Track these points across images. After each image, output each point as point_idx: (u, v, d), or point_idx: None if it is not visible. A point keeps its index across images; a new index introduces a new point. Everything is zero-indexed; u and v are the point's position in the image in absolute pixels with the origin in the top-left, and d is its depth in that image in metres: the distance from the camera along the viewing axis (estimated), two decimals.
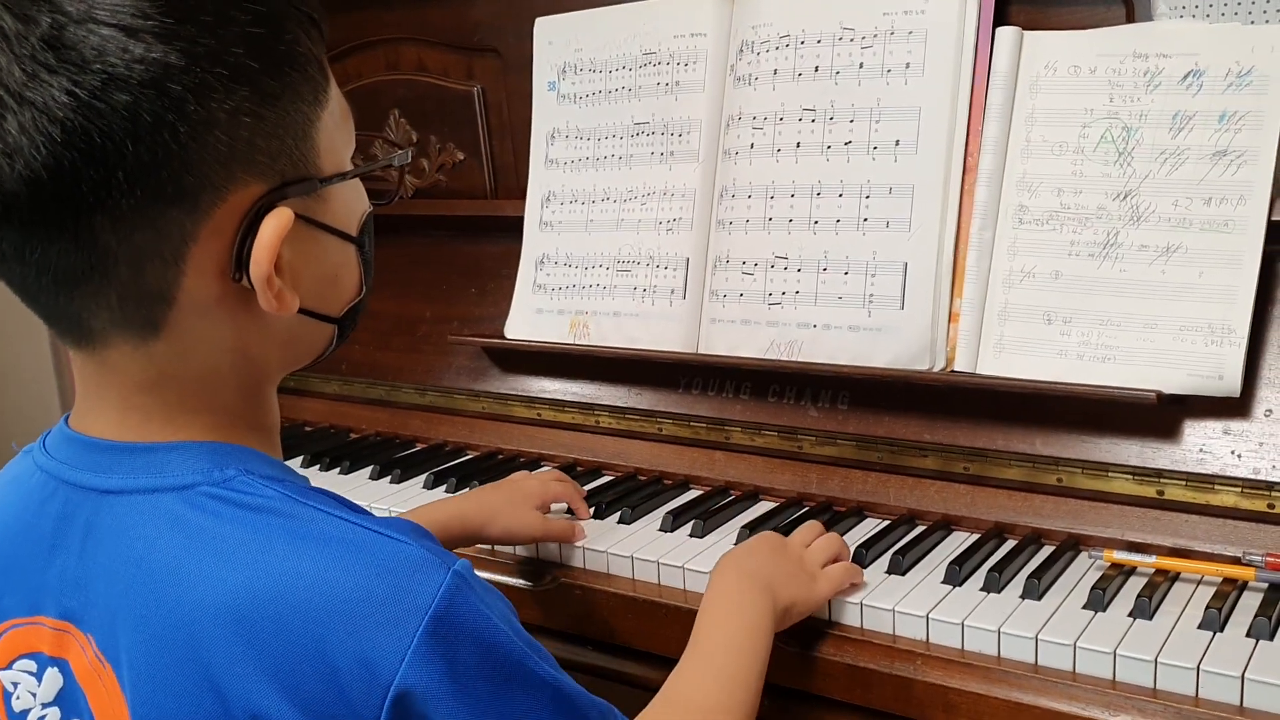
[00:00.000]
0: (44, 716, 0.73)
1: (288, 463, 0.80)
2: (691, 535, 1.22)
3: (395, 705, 0.65)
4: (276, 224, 0.69)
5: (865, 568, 1.11)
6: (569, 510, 1.28)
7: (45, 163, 0.64)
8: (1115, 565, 1.07)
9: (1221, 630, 0.95)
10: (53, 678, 0.72)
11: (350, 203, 0.77)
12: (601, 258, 1.47)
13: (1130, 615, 0.99)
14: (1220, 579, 1.03)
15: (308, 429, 1.74)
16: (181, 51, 0.64)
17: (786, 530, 1.12)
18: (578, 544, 1.21)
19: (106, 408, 0.74)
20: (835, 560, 1.08)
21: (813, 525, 1.12)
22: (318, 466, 1.55)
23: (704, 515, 1.24)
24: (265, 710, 0.65)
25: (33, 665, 0.73)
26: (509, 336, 1.55)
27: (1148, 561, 1.06)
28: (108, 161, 0.64)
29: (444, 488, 1.42)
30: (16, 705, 0.74)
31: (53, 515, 0.74)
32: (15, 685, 0.74)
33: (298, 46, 0.70)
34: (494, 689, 0.68)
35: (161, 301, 0.69)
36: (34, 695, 0.73)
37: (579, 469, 1.46)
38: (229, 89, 0.66)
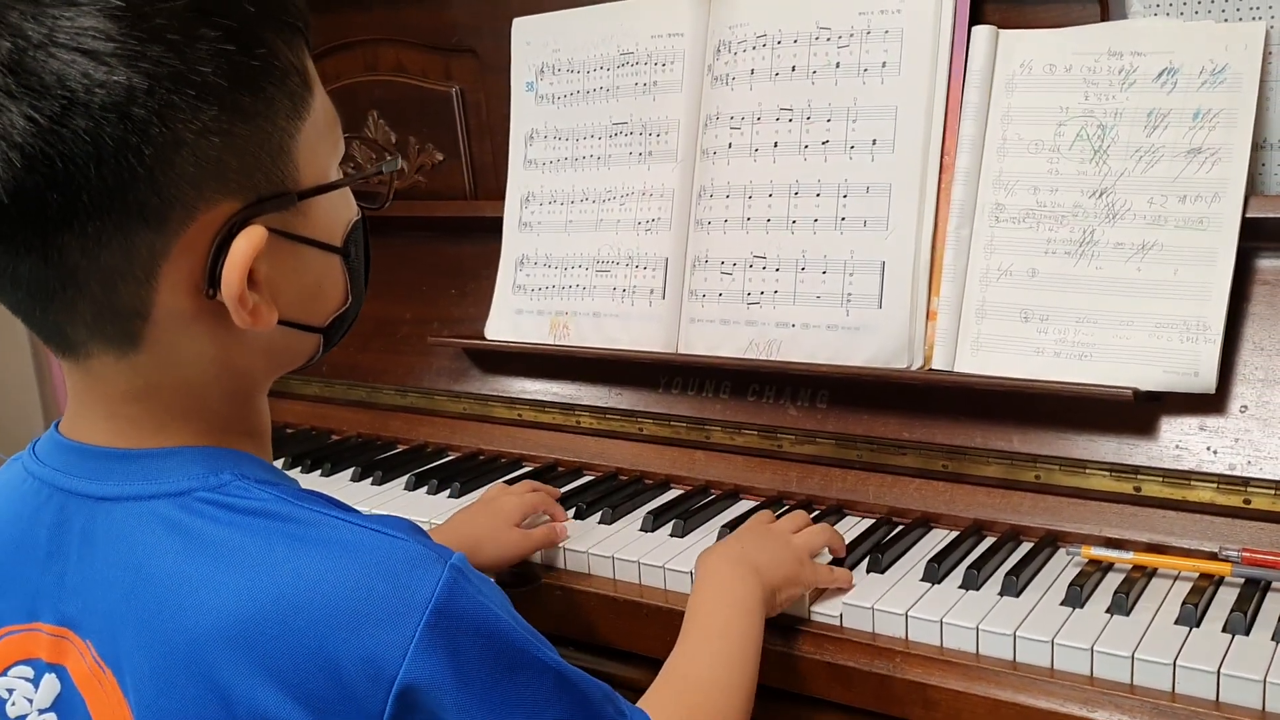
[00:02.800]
0: None
1: (293, 477, 0.80)
2: (672, 535, 1.22)
3: (400, 699, 0.66)
4: (248, 243, 0.68)
5: (845, 566, 1.11)
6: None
7: (7, 187, 0.63)
8: (1093, 562, 1.08)
9: (1198, 626, 0.96)
10: (50, 684, 0.72)
11: (334, 212, 0.76)
12: (581, 258, 1.47)
13: (1108, 611, 0.99)
14: (1197, 574, 1.04)
15: (289, 431, 1.73)
16: (145, 74, 0.63)
17: None
18: (560, 545, 1.21)
19: (96, 415, 0.74)
20: (827, 545, 1.10)
21: (800, 514, 1.13)
22: (299, 468, 1.55)
23: (684, 515, 1.24)
24: (270, 710, 0.65)
25: (29, 671, 0.73)
26: (489, 337, 1.54)
27: (1125, 558, 1.07)
28: (71, 185, 0.63)
29: (425, 489, 1.42)
30: (11, 712, 0.74)
31: (48, 522, 0.74)
32: (10, 691, 0.74)
33: (275, 60, 0.69)
34: (497, 677, 0.69)
35: (136, 317, 0.69)
36: (30, 701, 0.73)
37: (560, 469, 1.46)
38: (196, 109, 0.65)
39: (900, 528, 1.20)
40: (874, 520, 1.22)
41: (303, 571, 0.67)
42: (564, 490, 1.35)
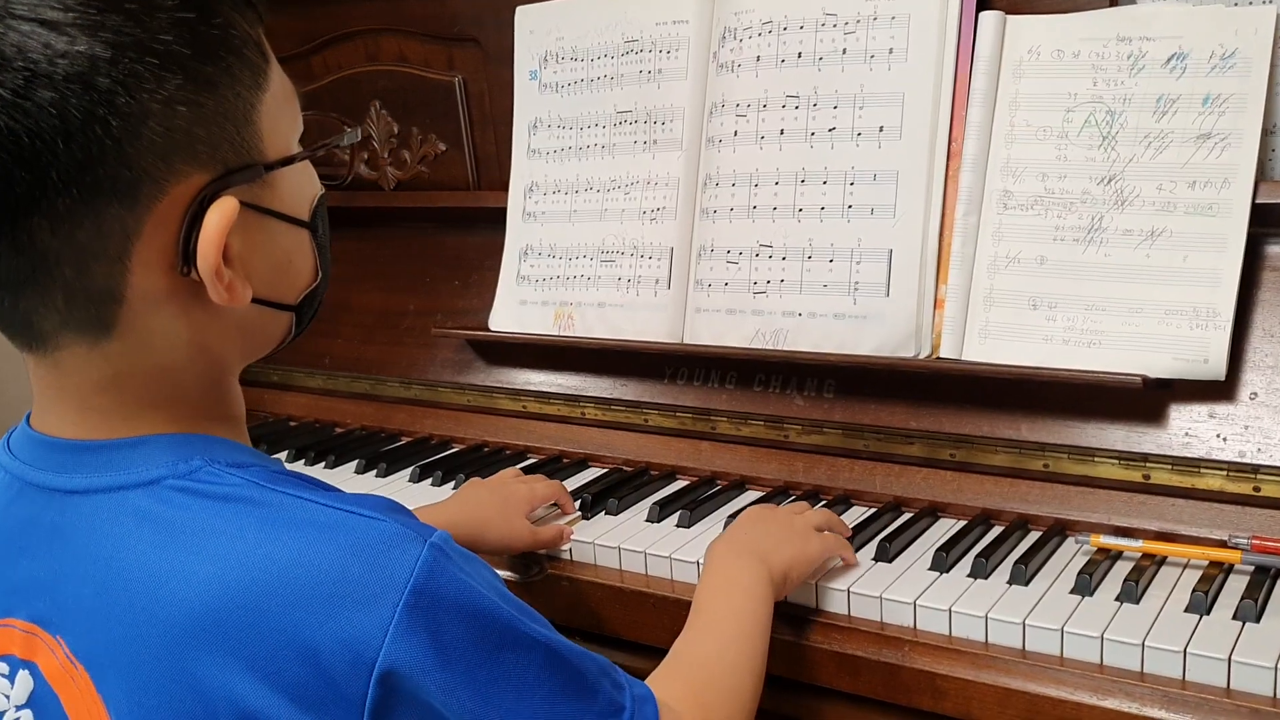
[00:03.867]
0: (18, 719, 0.72)
1: (273, 458, 0.79)
2: (678, 525, 1.21)
3: (382, 683, 0.65)
4: (221, 214, 0.67)
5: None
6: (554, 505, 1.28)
7: None
8: (1102, 550, 1.07)
9: (1208, 613, 0.95)
10: (24, 680, 0.71)
11: (300, 187, 0.76)
12: (585, 248, 1.46)
13: (1117, 599, 0.99)
14: (1206, 562, 1.03)
15: (292, 424, 1.73)
16: (107, 43, 0.63)
17: None
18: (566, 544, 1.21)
19: (66, 408, 0.73)
20: (827, 523, 1.10)
21: (800, 504, 1.15)
22: (303, 461, 1.54)
23: (690, 505, 1.24)
24: (248, 701, 0.64)
25: (4, 668, 0.72)
26: (493, 329, 1.54)
27: (1134, 546, 1.06)
28: (39, 161, 0.62)
29: (430, 481, 1.41)
30: None
31: (18, 517, 0.73)
32: None
33: (232, 29, 0.69)
34: (483, 656, 0.68)
35: (110, 300, 0.68)
36: (7, 698, 0.72)
37: (565, 461, 1.45)
38: (160, 78, 0.64)
39: (908, 517, 1.19)
40: (881, 509, 1.22)
41: (274, 556, 0.66)
42: (569, 482, 1.34)
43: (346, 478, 1.47)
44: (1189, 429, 1.10)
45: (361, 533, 0.67)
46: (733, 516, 1.19)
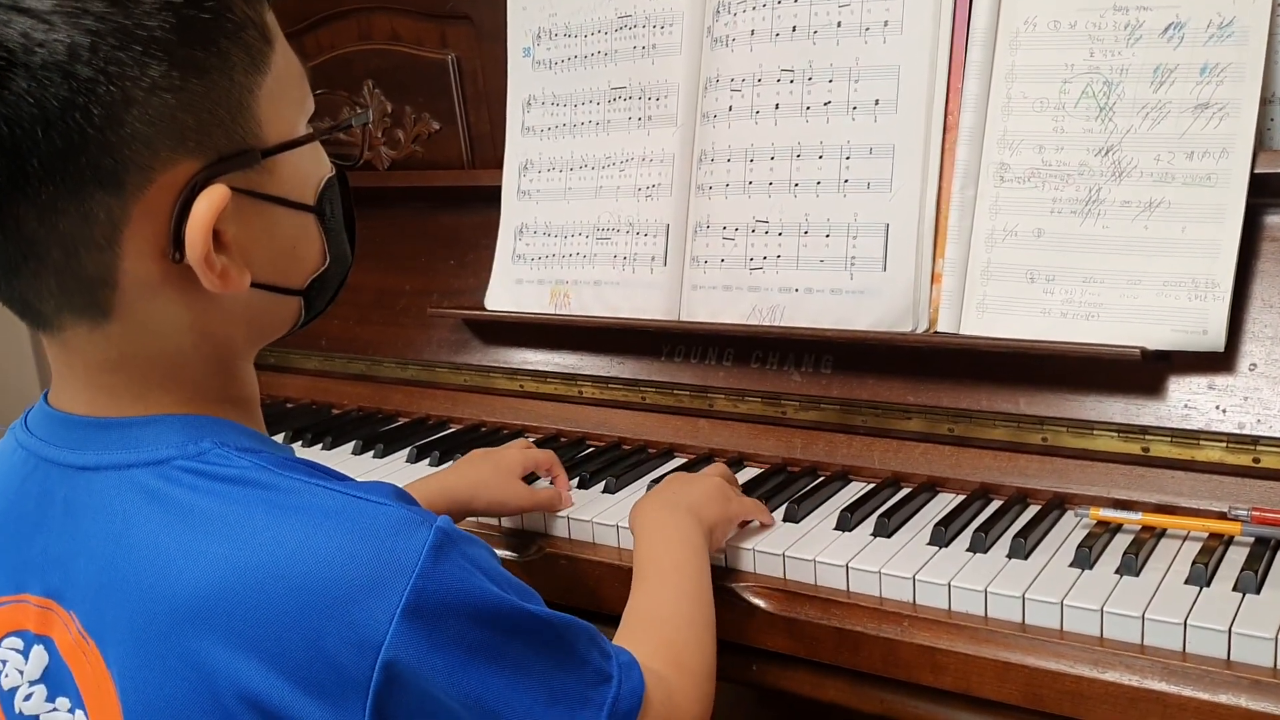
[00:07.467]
0: (30, 694, 0.72)
1: (282, 444, 0.79)
2: None
3: (387, 668, 0.65)
4: (209, 202, 0.66)
5: (851, 531, 1.10)
6: (550, 482, 1.27)
7: None
8: (1101, 523, 1.07)
9: (1208, 585, 0.95)
10: (39, 655, 0.72)
11: (304, 170, 0.74)
12: (581, 226, 1.45)
13: (1117, 572, 0.98)
14: (1206, 534, 1.03)
15: (289, 405, 1.73)
16: (87, 30, 0.62)
17: (773, 496, 1.13)
18: (563, 513, 1.20)
19: (77, 385, 0.73)
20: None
21: (718, 465, 1.19)
22: (300, 443, 1.54)
23: None
24: (252, 683, 0.64)
25: (20, 643, 0.73)
26: (489, 308, 1.53)
27: (1134, 519, 1.06)
28: (19, 151, 0.62)
29: (427, 461, 1.41)
30: (5, 683, 0.73)
31: (33, 493, 0.73)
32: (4, 663, 0.74)
33: (228, 13, 0.67)
34: (483, 640, 0.68)
35: (103, 285, 0.67)
36: (21, 673, 0.73)
37: (562, 440, 1.45)
38: (143, 65, 0.63)
39: (906, 492, 1.19)
40: (879, 485, 1.21)
41: (282, 539, 0.66)
42: (567, 460, 1.34)
43: (344, 459, 1.46)
44: (1188, 401, 1.09)
45: (368, 518, 0.67)
46: None
